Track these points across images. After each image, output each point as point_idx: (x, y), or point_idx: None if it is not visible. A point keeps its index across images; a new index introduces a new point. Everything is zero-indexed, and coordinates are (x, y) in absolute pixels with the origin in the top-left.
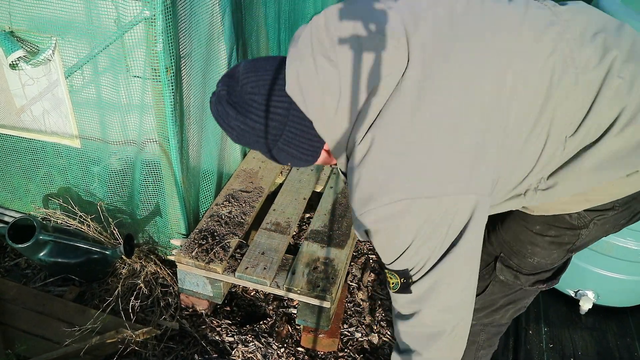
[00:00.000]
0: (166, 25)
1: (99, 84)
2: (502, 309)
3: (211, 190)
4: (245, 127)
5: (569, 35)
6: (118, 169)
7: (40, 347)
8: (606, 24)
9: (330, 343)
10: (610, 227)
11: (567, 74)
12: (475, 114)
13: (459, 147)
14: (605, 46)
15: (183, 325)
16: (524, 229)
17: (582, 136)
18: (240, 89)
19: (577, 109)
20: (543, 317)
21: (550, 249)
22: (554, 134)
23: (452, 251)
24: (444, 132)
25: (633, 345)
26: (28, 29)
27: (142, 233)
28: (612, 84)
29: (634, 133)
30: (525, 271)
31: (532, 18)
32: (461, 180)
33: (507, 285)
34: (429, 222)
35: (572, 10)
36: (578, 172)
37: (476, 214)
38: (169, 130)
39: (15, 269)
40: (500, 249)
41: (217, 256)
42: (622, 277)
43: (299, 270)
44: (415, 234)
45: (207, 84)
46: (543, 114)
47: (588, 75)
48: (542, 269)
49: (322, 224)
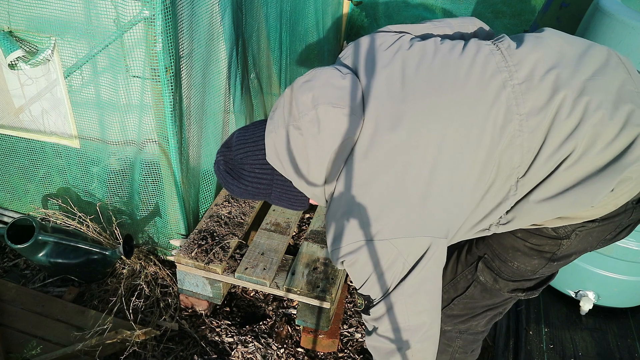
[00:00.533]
0: (166, 25)
1: (98, 84)
2: (480, 315)
3: (211, 191)
4: (241, 188)
5: (515, 82)
6: (117, 170)
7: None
8: (564, 56)
9: (330, 344)
10: (594, 240)
11: (511, 121)
12: (421, 167)
13: (405, 195)
14: (555, 86)
15: (182, 325)
16: (508, 234)
17: (533, 177)
18: (233, 159)
19: (524, 152)
20: (543, 317)
21: (531, 255)
22: (502, 178)
23: (405, 282)
24: (391, 185)
25: (634, 346)
26: (27, 29)
27: (141, 233)
28: (560, 125)
29: (586, 165)
30: (505, 275)
31: (480, 68)
32: (412, 225)
33: (487, 290)
34: (385, 259)
35: (527, 49)
36: (529, 207)
37: (429, 253)
38: (168, 130)
39: (14, 270)
40: (485, 251)
41: (216, 257)
42: (623, 277)
43: (299, 271)
44: (372, 269)
45: (207, 84)
46: (489, 162)
47: (532, 120)
48: (523, 276)
49: (322, 224)
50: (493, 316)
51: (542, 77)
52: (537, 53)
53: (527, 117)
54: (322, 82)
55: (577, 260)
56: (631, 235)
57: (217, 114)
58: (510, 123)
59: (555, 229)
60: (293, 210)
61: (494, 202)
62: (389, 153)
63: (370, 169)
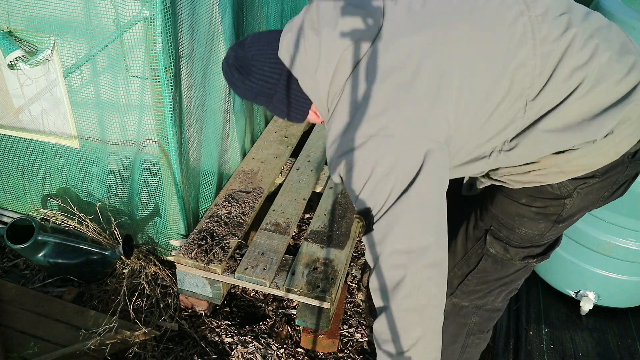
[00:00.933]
0: (165, 25)
1: (98, 84)
2: (495, 290)
3: (211, 191)
4: (246, 85)
5: (532, 13)
6: (117, 170)
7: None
8: (572, 7)
9: (330, 344)
10: (595, 197)
11: (526, 44)
12: (435, 71)
13: (415, 94)
14: (568, 24)
15: (182, 326)
16: (511, 201)
17: (542, 102)
18: (244, 55)
19: (535, 75)
20: (544, 317)
21: (537, 220)
22: (512, 96)
23: (405, 196)
24: (403, 82)
25: (634, 346)
26: (26, 28)
27: (141, 234)
28: (573, 55)
29: (593, 100)
30: (514, 243)
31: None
32: (418, 125)
33: (499, 262)
34: (387, 159)
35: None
36: (536, 134)
37: (428, 162)
38: (168, 130)
39: (13, 270)
40: (490, 223)
41: (216, 257)
42: (623, 277)
43: (299, 271)
44: (372, 166)
45: (207, 84)
46: (502, 78)
47: (546, 47)
48: (532, 242)
49: (322, 224)
50: (509, 292)
51: (556, 16)
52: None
53: (541, 43)
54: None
55: (577, 261)
56: (632, 236)
57: (217, 114)
58: (525, 45)
59: (558, 187)
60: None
61: (502, 122)
62: (405, 53)
63: (385, 66)
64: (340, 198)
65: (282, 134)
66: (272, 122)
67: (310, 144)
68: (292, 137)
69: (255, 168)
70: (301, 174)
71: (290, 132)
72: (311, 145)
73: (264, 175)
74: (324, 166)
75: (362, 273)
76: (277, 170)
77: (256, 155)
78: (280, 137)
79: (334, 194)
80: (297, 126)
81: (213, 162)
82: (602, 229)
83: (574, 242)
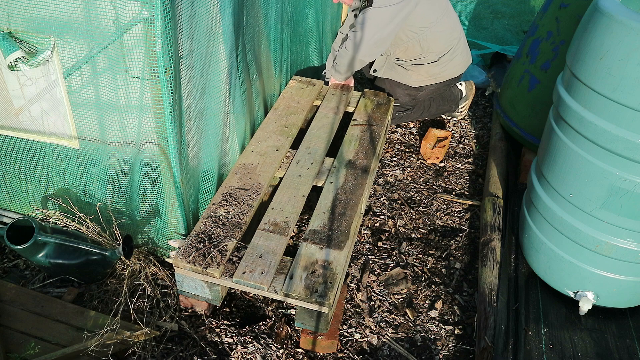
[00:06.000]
0: (165, 26)
1: (98, 85)
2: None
3: (211, 191)
4: None
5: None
6: (117, 170)
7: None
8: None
9: (330, 344)
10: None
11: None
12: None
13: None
14: None
15: (182, 326)
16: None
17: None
18: None
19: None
20: (543, 318)
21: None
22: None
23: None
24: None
25: (633, 347)
26: (26, 29)
27: (141, 234)
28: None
29: None
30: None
31: None
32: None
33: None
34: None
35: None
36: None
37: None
38: (167, 131)
39: (13, 270)
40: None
41: (214, 260)
42: (622, 278)
43: (297, 275)
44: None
45: (207, 84)
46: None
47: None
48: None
49: (321, 222)
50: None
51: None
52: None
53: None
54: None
55: (576, 261)
56: (630, 236)
57: (217, 115)
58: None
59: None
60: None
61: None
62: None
63: None
64: (340, 194)
65: (282, 124)
66: (272, 111)
67: (311, 133)
68: (292, 127)
69: (255, 162)
70: (301, 168)
71: (291, 122)
72: (312, 135)
73: (263, 170)
74: (324, 158)
75: (361, 273)
76: (277, 163)
77: (255, 148)
78: (280, 127)
79: (334, 189)
80: (297, 115)
81: (213, 162)
82: (601, 229)
83: (573, 242)
